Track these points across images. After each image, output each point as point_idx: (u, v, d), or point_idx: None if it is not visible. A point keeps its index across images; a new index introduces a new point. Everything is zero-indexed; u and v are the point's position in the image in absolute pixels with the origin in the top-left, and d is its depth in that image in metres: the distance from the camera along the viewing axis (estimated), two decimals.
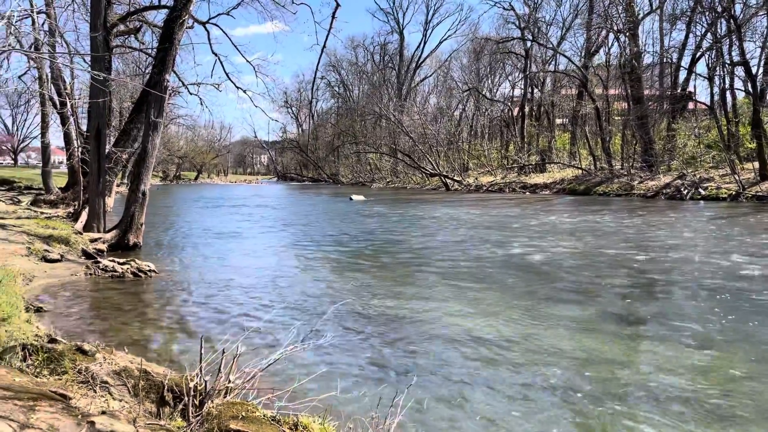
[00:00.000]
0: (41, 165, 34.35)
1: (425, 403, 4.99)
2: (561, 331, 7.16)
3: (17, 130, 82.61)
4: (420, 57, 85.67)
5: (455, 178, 55.49)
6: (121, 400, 4.01)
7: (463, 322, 7.57)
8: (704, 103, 41.15)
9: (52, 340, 4.81)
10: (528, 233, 17.71)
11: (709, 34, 38.12)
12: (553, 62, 58.39)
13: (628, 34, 43.71)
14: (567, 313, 8.11)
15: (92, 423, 2.98)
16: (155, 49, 16.77)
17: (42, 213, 20.59)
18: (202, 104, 52.11)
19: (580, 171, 45.35)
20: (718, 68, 36.95)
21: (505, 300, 8.91)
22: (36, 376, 4.02)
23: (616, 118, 48.10)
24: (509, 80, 67.41)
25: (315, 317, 7.81)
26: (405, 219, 23.95)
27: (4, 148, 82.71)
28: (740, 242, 15.15)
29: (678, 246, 14.62)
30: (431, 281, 10.54)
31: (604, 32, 48.25)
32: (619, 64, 45.01)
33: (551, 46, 54.61)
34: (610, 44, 49.81)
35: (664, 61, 45.40)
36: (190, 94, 19.92)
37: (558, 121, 58.84)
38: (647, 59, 47.57)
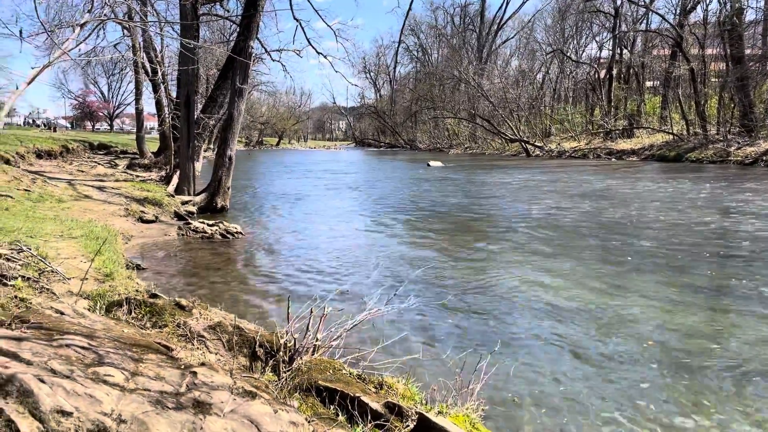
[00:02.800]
0: (135, 130, 36.13)
1: (509, 369, 4.98)
2: (648, 303, 6.92)
3: (112, 97, 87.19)
4: (502, 18, 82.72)
5: (536, 143, 53.97)
6: (216, 354, 4.24)
7: (545, 291, 7.47)
8: None
9: (153, 296, 5.13)
10: (613, 201, 17.08)
11: None
12: (644, 21, 55.04)
13: None
14: (652, 283, 7.82)
15: (194, 373, 3.18)
16: (240, 17, 17.12)
17: (137, 176, 21.79)
18: (285, 70, 52.72)
19: (671, 136, 43.01)
20: None
21: (587, 269, 8.69)
22: (141, 329, 4.32)
23: (713, 79, 45.05)
24: (596, 41, 64.36)
25: (397, 281, 7.93)
26: (484, 185, 23.64)
27: (101, 114, 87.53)
28: None
29: None
30: (511, 248, 10.41)
31: None
32: (718, 21, 41.95)
33: (643, 3, 51.47)
34: (708, 0, 46.45)
35: None
36: (273, 60, 20.27)
37: (648, 83, 55.78)
38: (749, 15, 44.08)
